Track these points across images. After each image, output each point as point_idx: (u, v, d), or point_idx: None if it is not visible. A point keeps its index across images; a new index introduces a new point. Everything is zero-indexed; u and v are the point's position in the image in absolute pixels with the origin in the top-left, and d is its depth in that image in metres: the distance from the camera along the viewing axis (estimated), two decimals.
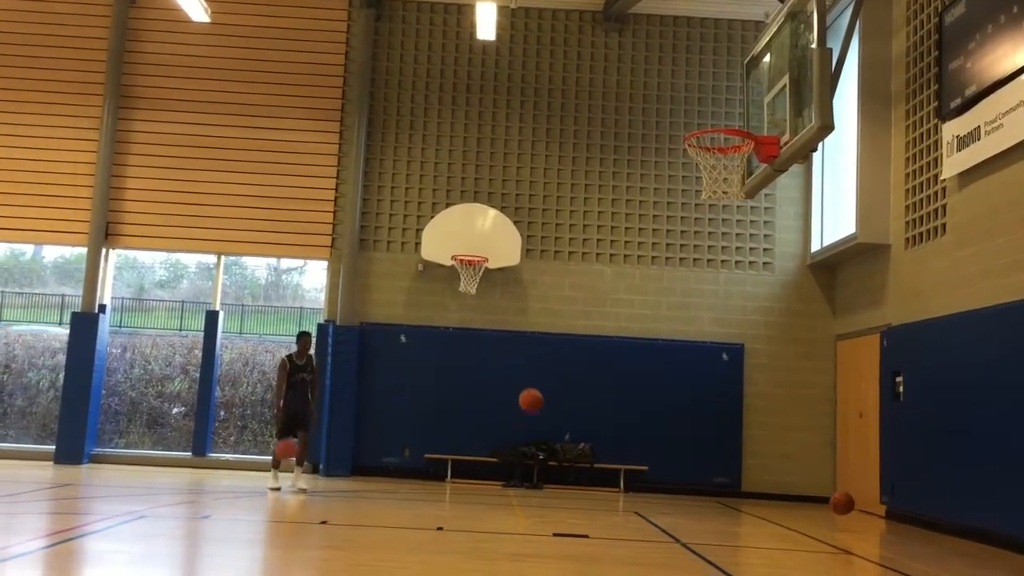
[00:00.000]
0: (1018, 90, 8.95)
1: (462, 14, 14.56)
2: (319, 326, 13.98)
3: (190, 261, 18.26)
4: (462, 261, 13.43)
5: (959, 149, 10.02)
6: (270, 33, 14.51)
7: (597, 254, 14.21)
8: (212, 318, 14.29)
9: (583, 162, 14.38)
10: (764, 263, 14.18)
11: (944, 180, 10.52)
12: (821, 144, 9.54)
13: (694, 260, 14.19)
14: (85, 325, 13.83)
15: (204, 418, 14.01)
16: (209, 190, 14.19)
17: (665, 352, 13.82)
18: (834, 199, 13.00)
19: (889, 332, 11.72)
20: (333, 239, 14.22)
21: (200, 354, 14.41)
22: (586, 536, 8.37)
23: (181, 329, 16.93)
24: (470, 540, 7.98)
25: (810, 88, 8.90)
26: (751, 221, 14.25)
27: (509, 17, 14.44)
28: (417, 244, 13.96)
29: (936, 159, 10.76)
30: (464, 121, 14.46)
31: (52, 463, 13.33)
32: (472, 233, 13.69)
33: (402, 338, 13.87)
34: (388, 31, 14.61)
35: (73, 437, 13.50)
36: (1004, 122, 9.17)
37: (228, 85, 14.40)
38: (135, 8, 14.48)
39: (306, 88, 14.41)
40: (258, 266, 19.08)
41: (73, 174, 14.16)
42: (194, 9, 12.63)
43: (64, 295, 16.69)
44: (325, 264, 14.44)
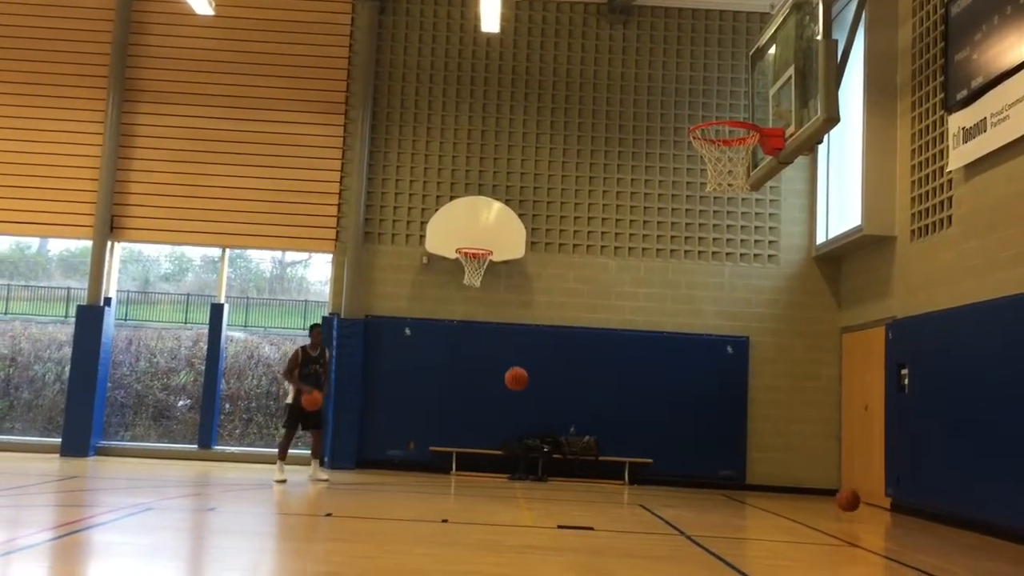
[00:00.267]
0: None
1: (466, 6, 14.53)
2: (324, 319, 13.99)
3: (195, 254, 18.26)
4: (466, 254, 13.43)
5: (965, 141, 9.99)
6: (274, 26, 14.50)
7: (602, 247, 14.20)
8: (217, 311, 14.31)
9: (588, 155, 14.36)
10: (769, 256, 14.16)
11: (950, 172, 10.50)
12: (826, 136, 9.54)
13: (699, 253, 14.18)
14: (90, 318, 13.86)
15: (209, 411, 14.05)
16: (214, 183, 14.20)
17: (670, 345, 13.82)
18: (839, 191, 12.97)
19: (895, 324, 11.70)
20: (338, 232, 14.22)
21: (205, 347, 14.44)
22: (591, 528, 8.38)
23: (186, 322, 16.95)
24: (475, 532, 7.99)
25: (815, 80, 8.87)
26: (756, 213, 14.23)
27: (513, 9, 14.42)
28: (422, 237, 13.97)
29: (942, 151, 10.73)
30: (468, 114, 14.45)
31: (58, 456, 13.37)
32: (476, 226, 13.69)
33: (407, 331, 13.88)
34: (392, 24, 14.60)
35: (79, 430, 13.55)
36: (1010, 114, 9.14)
37: (232, 78, 14.39)
38: (139, 1, 14.47)
39: (310, 81, 14.41)
40: (263, 259, 19.09)
41: (78, 167, 14.18)
42: (198, 2, 12.62)
43: (69, 288, 16.72)
44: (330, 257, 14.44)
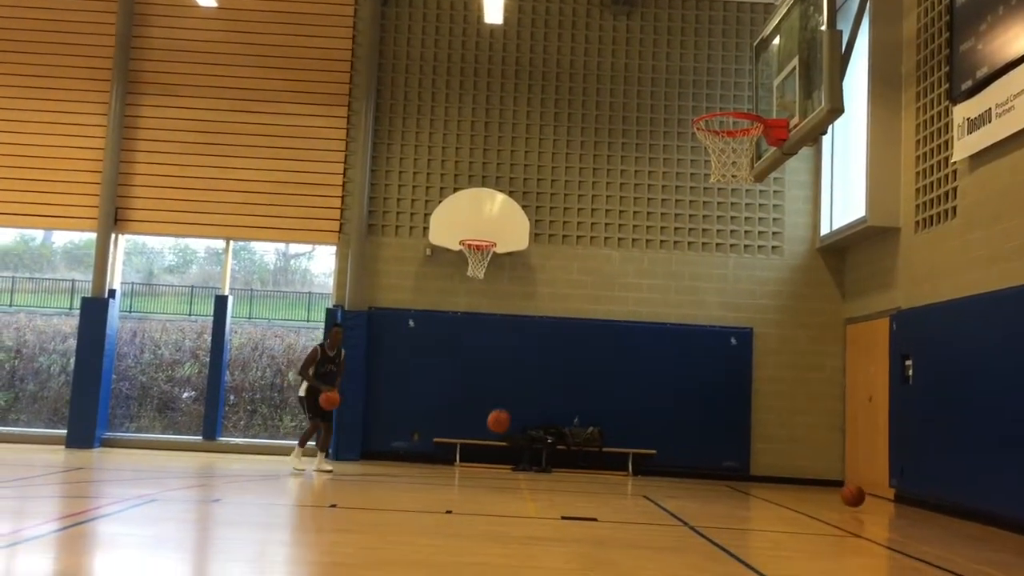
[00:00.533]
0: None
1: None
2: (328, 311, 14.02)
3: (199, 246, 18.32)
4: (470, 246, 13.43)
5: (970, 132, 9.96)
6: (277, 18, 14.49)
7: (605, 238, 14.20)
8: (221, 303, 14.33)
9: (591, 146, 14.35)
10: (773, 247, 14.14)
11: (955, 163, 10.47)
12: (831, 127, 9.51)
13: (703, 244, 14.16)
14: (95, 310, 13.88)
15: (214, 402, 14.08)
16: (217, 175, 14.20)
17: (674, 336, 13.82)
18: (844, 182, 12.95)
19: (899, 315, 11.69)
20: (341, 224, 14.22)
21: (209, 339, 14.47)
22: (595, 519, 8.40)
23: (190, 314, 17.00)
24: (479, 523, 8.01)
25: (820, 71, 8.85)
26: (760, 205, 14.20)
27: (517, 0, 14.38)
28: (425, 229, 13.97)
29: (947, 142, 10.70)
30: (472, 105, 14.43)
31: (64, 447, 13.42)
32: (480, 218, 13.69)
33: (410, 323, 13.89)
34: (395, 15, 14.57)
35: (84, 421, 13.59)
36: (1015, 104, 9.11)
37: (236, 70, 14.39)
38: None
39: (314, 73, 14.40)
40: (267, 251, 19.13)
41: (82, 159, 14.19)
42: None
43: (74, 280, 16.77)
44: (333, 249, 14.45)
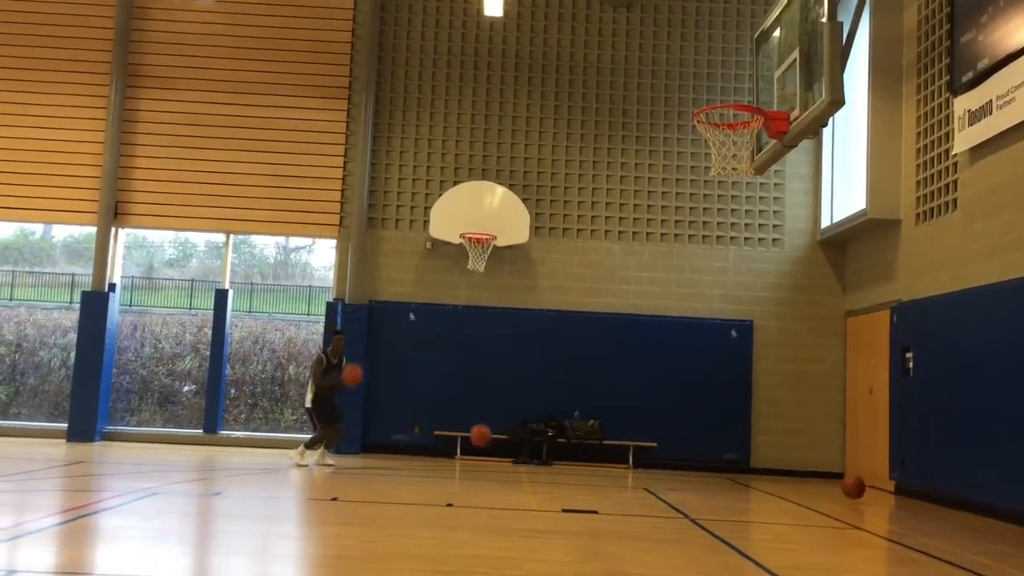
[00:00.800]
0: None
1: None
2: (328, 304, 14.03)
3: (199, 240, 18.29)
4: (470, 239, 13.42)
5: (970, 123, 9.94)
6: (277, 11, 14.46)
7: (606, 231, 14.18)
8: (222, 297, 14.33)
9: (591, 139, 14.33)
10: (774, 239, 14.13)
11: (955, 155, 10.45)
12: (831, 119, 9.49)
13: (703, 237, 14.15)
14: (95, 304, 13.88)
15: (215, 396, 14.09)
16: (217, 169, 14.19)
17: (674, 329, 13.82)
18: (844, 175, 12.93)
19: (899, 308, 11.69)
20: (341, 217, 14.22)
21: (210, 332, 14.48)
22: (595, 512, 8.41)
23: (191, 308, 16.99)
24: (480, 516, 8.03)
25: (820, 63, 8.83)
26: (760, 197, 14.19)
27: None
28: (425, 222, 13.96)
29: (947, 134, 10.69)
30: (472, 98, 14.41)
31: (65, 441, 13.43)
32: (480, 211, 13.68)
33: (411, 316, 13.89)
34: (395, 8, 14.54)
35: (85, 415, 13.60)
36: (1016, 96, 9.09)
37: (235, 63, 14.37)
38: None
39: (313, 66, 14.37)
40: (267, 245, 19.12)
41: (81, 153, 14.18)
42: None
43: (74, 274, 16.76)
44: (334, 242, 14.44)
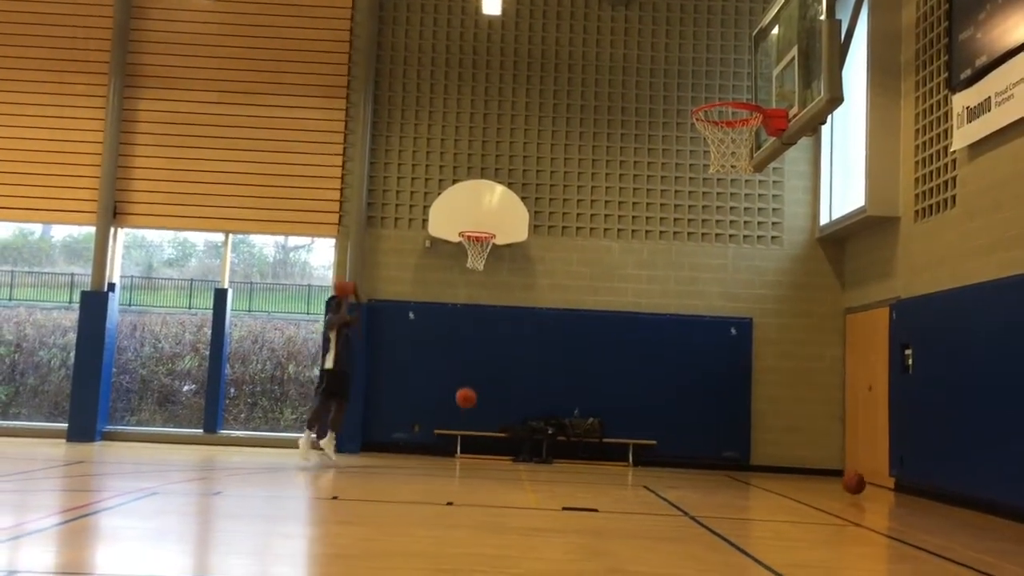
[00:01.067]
0: None
1: None
2: (327, 303, 14.00)
3: (198, 239, 18.29)
4: (469, 237, 13.42)
5: (969, 120, 9.94)
6: (275, 10, 14.45)
7: (605, 229, 14.18)
8: (221, 296, 14.33)
9: (590, 137, 14.33)
10: (773, 237, 14.14)
11: (954, 152, 10.45)
12: (830, 116, 9.49)
13: (702, 234, 14.15)
14: (95, 304, 13.88)
15: (214, 395, 14.09)
16: (216, 168, 14.18)
17: (674, 327, 13.82)
18: (843, 172, 12.93)
19: (898, 305, 11.69)
20: (340, 216, 14.21)
21: (209, 332, 14.48)
22: (595, 510, 8.41)
23: (190, 307, 17.00)
24: (480, 514, 8.03)
25: (819, 60, 8.83)
26: (759, 195, 14.19)
27: None
28: (424, 221, 13.96)
29: (946, 131, 10.69)
30: (471, 97, 14.40)
31: (64, 441, 13.43)
32: (479, 209, 13.68)
33: (410, 315, 13.89)
34: (393, 6, 14.53)
35: (85, 415, 13.59)
36: (1015, 93, 9.09)
37: (234, 63, 14.36)
38: None
39: (312, 65, 14.37)
40: (266, 244, 19.12)
41: (80, 153, 14.17)
42: None
43: (73, 274, 16.76)
44: (333, 241, 14.44)
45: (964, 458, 9.74)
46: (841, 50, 8.80)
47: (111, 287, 14.10)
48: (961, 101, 10.11)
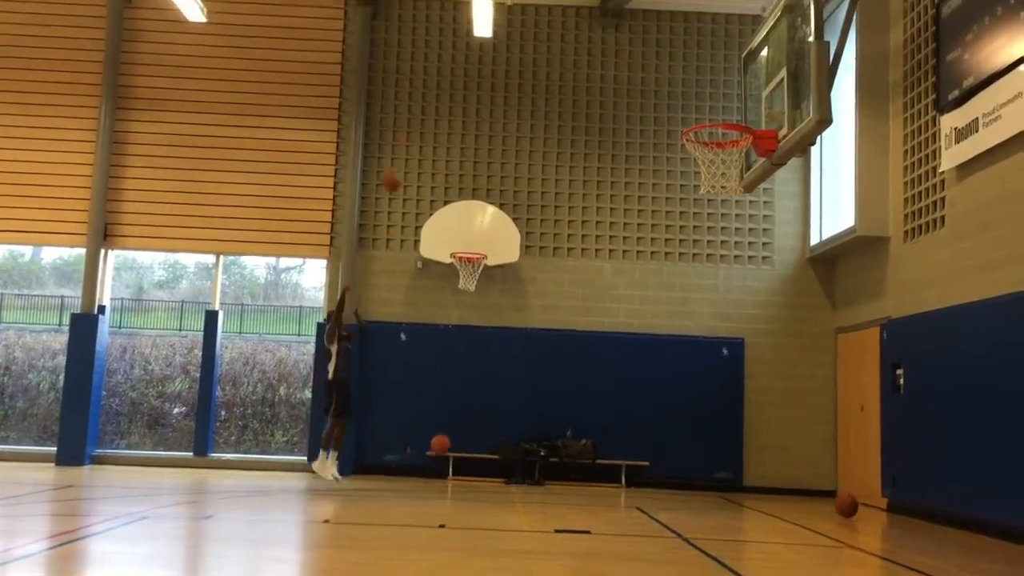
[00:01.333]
0: (1016, 81, 8.95)
1: (458, 11, 14.54)
2: (319, 324, 13.99)
3: (189, 261, 18.27)
4: (461, 258, 13.43)
5: (957, 141, 10.01)
6: (266, 32, 14.49)
7: (596, 250, 14.21)
8: (212, 318, 14.28)
9: (581, 158, 14.37)
10: (763, 257, 14.18)
11: (943, 172, 10.52)
12: (819, 137, 9.54)
13: (693, 255, 14.19)
14: (85, 326, 13.81)
15: (205, 418, 14.01)
16: (207, 190, 14.17)
17: (665, 347, 13.82)
18: (833, 192, 12.99)
19: (889, 325, 11.72)
20: (332, 237, 14.21)
21: (200, 354, 14.41)
22: (588, 532, 8.38)
23: (181, 329, 16.95)
24: (472, 537, 7.99)
25: (808, 82, 8.89)
26: (750, 215, 14.25)
27: (505, 14, 14.42)
28: (416, 242, 13.96)
29: (935, 151, 10.76)
30: (462, 118, 14.45)
31: (54, 464, 13.32)
32: (471, 230, 13.69)
33: (402, 336, 13.87)
34: (384, 29, 14.60)
35: (74, 438, 13.49)
36: (1002, 114, 9.17)
37: (225, 84, 14.38)
38: (131, 8, 14.46)
39: (303, 87, 14.40)
40: (257, 265, 19.09)
41: (71, 175, 14.14)
42: (190, 9, 12.62)
43: (63, 296, 16.70)
44: (324, 263, 14.43)
45: (957, 478, 9.74)
46: (830, 72, 8.86)
47: (101, 309, 14.05)
48: (949, 122, 10.18)
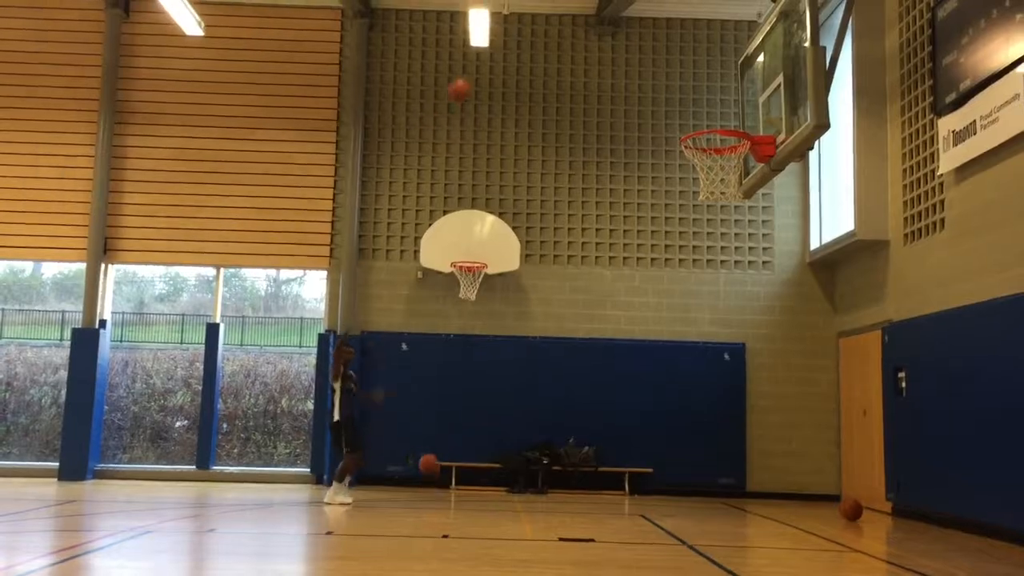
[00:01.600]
0: (1012, 83, 8.96)
1: (455, 21, 14.58)
2: (320, 336, 14.00)
3: (189, 274, 18.25)
4: (461, 268, 13.43)
5: (955, 144, 10.02)
6: (264, 45, 14.54)
7: (596, 257, 14.22)
8: (213, 331, 14.28)
9: (580, 166, 14.39)
10: (764, 262, 14.18)
11: (941, 175, 10.53)
12: (817, 142, 9.55)
13: (694, 261, 14.19)
14: (86, 341, 13.82)
15: (207, 431, 14.01)
16: (207, 203, 14.20)
17: (667, 353, 13.82)
18: (832, 197, 13.00)
19: (890, 328, 11.71)
20: (332, 249, 14.22)
21: (202, 367, 14.41)
22: (592, 540, 8.36)
23: (182, 342, 16.92)
24: (476, 547, 7.97)
25: (805, 87, 8.90)
26: (749, 221, 14.25)
27: (502, 23, 14.46)
28: (416, 252, 13.97)
29: (933, 154, 10.77)
30: (460, 128, 14.48)
31: (56, 480, 13.31)
32: (471, 239, 13.70)
33: (403, 346, 13.86)
34: (381, 40, 14.64)
35: (76, 453, 13.50)
36: (999, 116, 9.18)
37: (223, 98, 14.42)
38: (128, 23, 14.51)
39: (301, 99, 14.44)
40: (257, 277, 19.08)
41: (71, 190, 14.18)
42: (188, 23, 12.66)
43: (64, 311, 16.69)
44: (324, 274, 14.44)
45: (961, 480, 9.72)
46: (826, 76, 8.87)
47: (102, 324, 14.06)
48: (947, 125, 10.19)
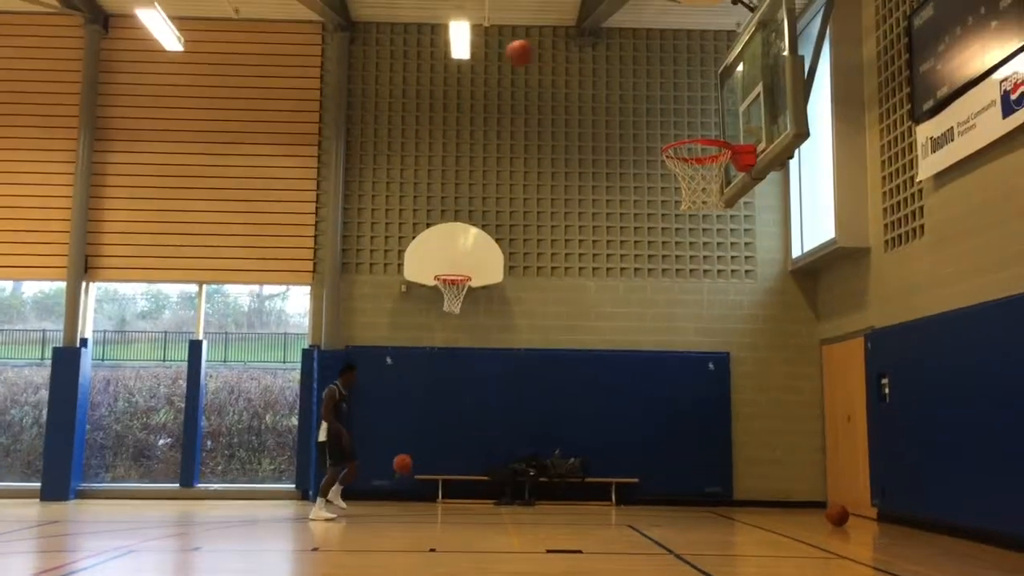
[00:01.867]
0: (989, 90, 9.06)
1: (436, 34, 14.60)
2: (304, 351, 13.94)
3: (172, 291, 18.15)
4: (445, 281, 13.41)
5: (933, 150, 10.11)
6: (244, 60, 14.52)
7: (580, 268, 14.24)
8: (196, 347, 14.20)
9: (563, 177, 14.43)
10: (746, 271, 14.23)
11: (920, 182, 10.61)
12: (797, 151, 9.61)
13: (676, 270, 14.23)
14: (67, 360, 13.71)
15: (191, 449, 13.91)
16: (188, 219, 14.14)
17: (651, 363, 13.83)
18: (812, 205, 13.07)
19: (873, 335, 11.77)
20: (315, 263, 14.18)
21: (185, 384, 14.32)
22: (579, 551, 8.34)
23: (165, 360, 16.79)
24: (464, 560, 7.93)
25: (784, 95, 8.96)
26: (731, 230, 14.31)
27: (483, 36, 14.49)
28: (399, 265, 13.95)
29: (912, 161, 10.86)
30: (442, 140, 14.49)
31: (38, 500, 13.18)
32: (454, 252, 13.69)
33: (388, 360, 13.82)
34: (363, 54, 14.64)
35: (58, 473, 13.37)
36: (976, 122, 9.27)
37: (204, 113, 14.38)
38: (108, 40, 14.46)
39: (282, 113, 14.42)
40: (240, 293, 18.99)
41: (51, 208, 14.08)
42: (167, 39, 12.64)
43: (45, 330, 16.55)
44: (308, 289, 14.39)
45: (945, 486, 9.76)
46: (805, 85, 8.93)
47: (83, 342, 13.95)
48: (925, 132, 10.28)
